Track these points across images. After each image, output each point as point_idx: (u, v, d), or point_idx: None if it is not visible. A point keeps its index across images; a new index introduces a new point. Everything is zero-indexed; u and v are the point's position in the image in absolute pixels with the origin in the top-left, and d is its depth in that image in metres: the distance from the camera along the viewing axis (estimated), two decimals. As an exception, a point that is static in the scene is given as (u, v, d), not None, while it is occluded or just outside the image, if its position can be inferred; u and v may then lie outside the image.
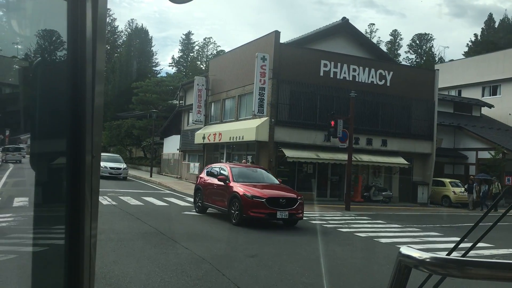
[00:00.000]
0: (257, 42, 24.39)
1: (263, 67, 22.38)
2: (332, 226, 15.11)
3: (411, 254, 0.93)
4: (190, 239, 10.90)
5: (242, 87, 25.37)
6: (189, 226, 13.06)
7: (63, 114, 1.25)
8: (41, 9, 1.44)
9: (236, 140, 24.17)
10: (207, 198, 15.37)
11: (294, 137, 23.12)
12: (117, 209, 15.71)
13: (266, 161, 22.72)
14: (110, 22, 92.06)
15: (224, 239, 11.23)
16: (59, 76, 1.32)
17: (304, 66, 23.41)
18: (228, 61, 27.82)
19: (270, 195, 13.30)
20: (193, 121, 30.44)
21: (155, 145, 40.91)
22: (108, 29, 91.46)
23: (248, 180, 14.45)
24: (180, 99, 37.64)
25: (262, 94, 22.37)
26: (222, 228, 13.02)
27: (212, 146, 28.59)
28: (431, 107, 26.70)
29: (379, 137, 25.10)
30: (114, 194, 20.46)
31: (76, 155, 1.14)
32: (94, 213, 1.19)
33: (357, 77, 24.71)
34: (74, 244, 1.14)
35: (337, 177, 25.33)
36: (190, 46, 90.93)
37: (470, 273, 0.88)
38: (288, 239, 11.84)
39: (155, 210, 16.34)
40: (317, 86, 23.67)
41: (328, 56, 24.06)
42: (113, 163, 30.65)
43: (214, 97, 29.08)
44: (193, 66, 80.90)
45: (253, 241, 11.30)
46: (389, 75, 25.50)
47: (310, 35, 26.24)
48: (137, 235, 10.84)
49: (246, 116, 25.01)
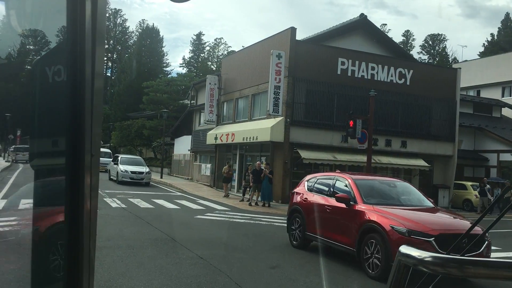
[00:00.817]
0: (272, 39, 23.53)
1: (279, 64, 21.51)
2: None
3: (410, 253, 0.93)
4: (204, 247, 10.06)
5: (256, 86, 24.52)
6: (203, 232, 12.23)
7: (62, 113, 1.24)
8: (40, 8, 1.42)
9: (250, 141, 23.32)
10: (312, 227, 10.14)
11: (310, 138, 22.22)
12: (127, 212, 14.94)
13: (281, 162, 21.85)
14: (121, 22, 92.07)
15: (241, 246, 10.38)
16: (58, 75, 1.28)
17: (321, 64, 22.51)
18: (241, 59, 26.98)
19: (441, 230, 8.03)
20: (205, 121, 29.64)
21: (166, 146, 40.22)
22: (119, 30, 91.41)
23: (386, 200, 9.44)
24: (192, 99, 36.89)
25: (277, 93, 21.50)
26: (238, 235, 12.16)
27: (224, 146, 27.78)
28: (453, 107, 25.63)
29: (399, 138, 24.10)
30: (124, 196, 19.71)
31: (76, 154, 1.12)
32: (93, 212, 1.16)
33: (376, 75, 23.74)
34: (73, 243, 1.12)
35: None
36: (201, 46, 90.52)
37: (469, 272, 0.87)
38: (309, 245, 10.95)
39: (166, 213, 15.55)
40: (334, 84, 22.74)
41: (346, 53, 23.13)
42: (134, 167, 27.50)
43: (227, 96, 28.27)
44: (204, 66, 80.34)
45: (273, 249, 10.44)
46: (409, 73, 24.49)
47: (326, 32, 25.32)
48: (147, 242, 10.03)
49: (260, 116, 24.15)
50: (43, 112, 1.38)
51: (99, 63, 1.17)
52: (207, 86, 28.86)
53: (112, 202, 17.30)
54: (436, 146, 25.06)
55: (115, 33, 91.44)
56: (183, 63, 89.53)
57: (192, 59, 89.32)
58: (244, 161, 25.33)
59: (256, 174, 19.82)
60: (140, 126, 44.36)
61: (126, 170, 26.85)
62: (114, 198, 18.60)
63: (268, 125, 21.72)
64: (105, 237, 10.28)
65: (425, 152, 24.71)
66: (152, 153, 47.23)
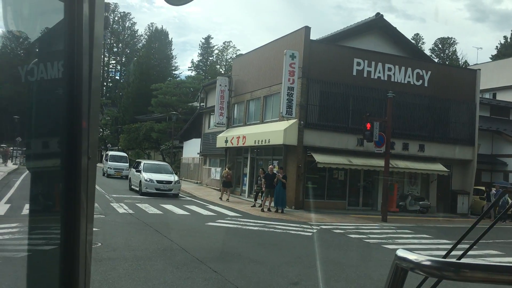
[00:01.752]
0: (285, 39, 22.75)
1: (292, 65, 20.70)
2: (375, 241, 13.32)
3: (407, 257, 0.93)
4: (218, 258, 9.27)
5: (268, 87, 23.74)
6: (216, 241, 11.43)
7: (58, 115, 1.24)
8: (38, 10, 1.40)
9: (262, 144, 22.51)
10: None
11: (325, 141, 21.37)
12: (134, 218, 14.20)
13: (294, 166, 21.02)
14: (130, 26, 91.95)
15: (257, 258, 9.57)
16: (54, 76, 1.26)
17: (336, 65, 21.68)
18: (253, 60, 26.21)
19: None
20: (214, 123, 28.89)
21: (175, 149, 39.54)
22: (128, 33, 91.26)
23: None
24: (201, 101, 36.14)
25: (290, 95, 20.69)
26: (253, 244, 11.35)
27: (235, 150, 27.00)
28: (472, 110, 24.67)
29: (416, 142, 23.17)
30: (131, 201, 19.00)
31: (72, 157, 1.11)
32: (89, 215, 1.15)
33: (393, 76, 22.86)
34: (69, 247, 1.12)
35: (370, 185, 23.48)
36: (210, 50, 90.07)
37: (466, 276, 0.87)
38: (333, 259, 10.12)
39: (176, 220, 14.78)
40: (350, 86, 21.90)
41: (362, 54, 22.28)
42: (160, 175, 22.86)
43: (238, 98, 27.51)
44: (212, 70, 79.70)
45: (292, 261, 9.62)
46: (427, 75, 23.58)
47: (341, 32, 24.49)
48: (156, 253, 9.26)
49: (272, 118, 23.35)
50: (39, 113, 1.39)
51: (96, 64, 1.15)
52: (217, 88, 28.12)
53: (119, 207, 16.58)
54: (455, 150, 24.10)
55: (123, 37, 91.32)
56: (192, 66, 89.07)
57: (200, 62, 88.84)
58: (256, 165, 24.54)
59: (269, 178, 19.01)
60: (149, 129, 43.76)
61: (151, 179, 22.12)
62: (121, 203, 17.88)
63: (281, 128, 20.91)
64: (110, 247, 9.53)
65: (443, 156, 23.76)
66: (160, 157, 46.57)
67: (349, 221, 17.82)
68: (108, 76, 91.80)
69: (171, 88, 44.10)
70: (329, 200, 22.25)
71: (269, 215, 17.75)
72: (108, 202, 18.14)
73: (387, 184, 19.51)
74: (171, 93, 43.63)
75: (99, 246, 9.45)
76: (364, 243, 12.99)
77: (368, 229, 16.00)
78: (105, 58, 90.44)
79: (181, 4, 1.45)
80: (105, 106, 62.38)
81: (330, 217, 18.69)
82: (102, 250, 9.16)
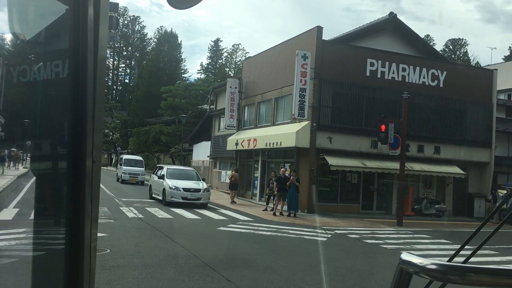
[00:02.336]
0: (297, 39, 22.32)
1: (304, 66, 20.26)
2: (392, 247, 12.82)
3: (412, 261, 0.92)
4: (231, 266, 8.85)
5: (279, 89, 23.31)
6: (228, 248, 11.00)
7: (62, 117, 1.25)
8: (43, 14, 1.40)
9: (273, 147, 22.06)
10: None
11: (338, 144, 20.88)
12: (144, 223, 13.83)
13: (306, 169, 20.55)
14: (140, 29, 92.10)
15: (272, 265, 9.13)
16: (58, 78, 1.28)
17: (349, 65, 21.20)
18: (263, 61, 25.81)
19: None
20: (225, 126, 28.51)
21: (184, 152, 39.24)
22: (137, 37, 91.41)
23: None
24: (211, 104, 35.79)
25: (302, 96, 20.24)
26: (267, 250, 10.91)
27: (245, 153, 26.59)
28: (489, 111, 24.03)
29: (432, 144, 22.58)
30: (141, 205, 18.65)
31: (76, 160, 1.11)
32: (94, 219, 1.14)
33: (407, 77, 22.32)
34: (74, 250, 1.11)
35: (384, 188, 22.94)
36: (219, 52, 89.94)
37: (471, 280, 0.86)
38: (351, 266, 9.65)
39: (186, 225, 14.38)
40: (363, 87, 21.40)
41: (375, 54, 21.77)
42: (187, 182, 19.93)
43: (248, 100, 27.11)
44: (221, 72, 79.50)
45: (309, 269, 9.17)
46: (443, 75, 23.01)
47: (353, 32, 24.01)
48: (166, 260, 8.86)
49: (283, 120, 22.91)
50: (43, 116, 1.39)
51: (101, 65, 1.15)
52: (228, 90, 27.74)
53: (128, 211, 16.23)
54: (471, 152, 23.47)
55: (133, 40, 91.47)
56: (201, 69, 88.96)
57: (209, 65, 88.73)
58: (267, 168, 24.10)
59: (281, 182, 18.56)
60: (158, 132, 43.51)
61: (177, 187, 19.09)
62: (130, 207, 17.54)
63: (293, 130, 20.47)
64: (119, 254, 9.15)
65: (459, 159, 23.14)
66: (170, 160, 46.31)
67: (363, 226, 17.32)
68: (117, 80, 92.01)
69: (180, 90, 43.80)
70: (342, 203, 21.75)
71: (281, 219, 17.30)
72: (117, 205, 17.81)
73: (402, 187, 18.98)
74: (181, 95, 43.33)
75: (108, 253, 9.08)
76: (381, 248, 12.50)
77: (384, 234, 15.50)
78: (114, 62, 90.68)
79: (185, 7, 1.44)
80: (114, 109, 62.33)
81: (344, 221, 18.20)
82: (111, 257, 8.79)
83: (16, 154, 39.21)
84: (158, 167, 23.62)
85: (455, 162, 23.07)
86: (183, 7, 1.45)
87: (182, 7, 1.45)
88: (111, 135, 59.84)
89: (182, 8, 1.45)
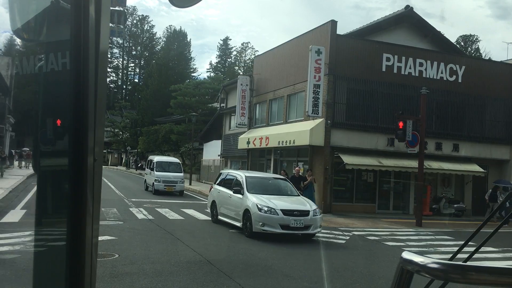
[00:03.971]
0: (310, 34, 21.67)
1: (318, 61, 19.62)
2: (415, 249, 12.14)
3: (413, 259, 0.92)
4: (247, 272, 8.27)
5: (292, 85, 22.69)
6: (242, 251, 10.42)
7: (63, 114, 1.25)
8: (44, 12, 1.37)
9: (286, 145, 21.45)
10: None
11: (353, 141, 20.22)
12: (154, 225, 13.30)
13: (321, 168, 19.92)
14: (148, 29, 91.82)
15: (291, 272, 8.53)
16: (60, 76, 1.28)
17: (364, 60, 20.53)
18: (275, 58, 25.18)
19: None
20: (236, 124, 27.94)
21: (194, 151, 38.73)
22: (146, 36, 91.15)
23: None
24: (221, 102, 35.25)
25: (316, 92, 19.61)
26: (284, 254, 10.31)
27: (257, 151, 26.01)
28: (510, 107, 23.18)
29: (450, 141, 21.84)
30: (151, 205, 18.14)
31: (78, 157, 1.10)
32: (95, 217, 1.14)
33: (424, 72, 21.58)
34: (75, 248, 1.10)
35: (400, 187, 22.23)
36: (228, 51, 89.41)
37: (472, 279, 0.86)
38: (375, 272, 9.03)
39: (198, 227, 13.82)
40: (379, 82, 20.72)
41: (391, 48, 21.07)
42: (284, 201, 12.82)
43: (260, 98, 26.52)
44: (231, 71, 78.94)
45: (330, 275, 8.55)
46: (461, 70, 22.23)
47: (368, 26, 23.29)
48: (178, 266, 8.30)
49: (296, 118, 22.29)
50: (45, 113, 1.40)
51: (102, 62, 1.14)
52: (239, 87, 27.17)
53: (138, 212, 15.73)
54: (491, 150, 22.68)
55: (142, 40, 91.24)
56: (210, 68, 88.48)
57: (219, 64, 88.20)
58: (279, 167, 23.50)
59: (295, 181, 17.89)
60: (168, 131, 43.06)
61: (272, 209, 12.08)
62: (140, 208, 17.04)
63: (307, 128, 19.84)
64: (128, 259, 8.62)
65: (479, 156, 22.37)
66: (180, 159, 45.89)
67: (381, 226, 16.66)
68: (127, 79, 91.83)
69: (190, 89, 43.27)
70: (358, 203, 21.09)
71: (296, 220, 16.64)
72: (127, 206, 17.33)
73: (421, 186, 18.28)
74: (191, 94, 42.80)
75: (116, 258, 8.55)
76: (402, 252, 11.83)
77: (404, 235, 14.84)
78: (123, 61, 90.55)
79: (187, 5, 1.46)
80: (124, 108, 62.04)
81: (361, 221, 17.55)
82: (119, 263, 8.26)
83: (28, 154, 39.00)
84: (224, 175, 16.38)
85: (474, 160, 22.30)
86: (185, 5, 1.46)
87: (185, 6, 1.47)
88: (121, 134, 59.57)
89: (184, 6, 1.48)
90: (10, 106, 39.33)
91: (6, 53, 53.48)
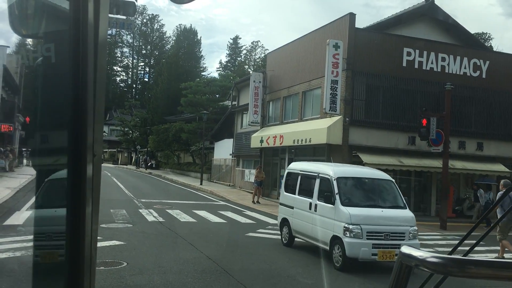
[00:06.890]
0: (327, 28, 20.77)
1: (336, 56, 18.71)
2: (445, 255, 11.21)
3: (412, 253, 0.92)
4: (268, 284, 7.45)
5: (307, 82, 21.80)
6: (261, 259, 9.58)
7: (62, 110, 1.23)
8: (44, 8, 1.38)
9: (302, 144, 20.57)
10: None
11: (372, 140, 19.30)
12: (165, 228, 12.52)
13: (338, 168, 19.00)
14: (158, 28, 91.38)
15: (316, 283, 7.69)
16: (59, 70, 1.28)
17: (384, 55, 19.58)
18: (290, 53, 24.30)
19: None
20: (248, 122, 27.11)
21: (205, 150, 37.93)
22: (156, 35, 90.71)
23: None
24: (233, 99, 34.42)
25: (334, 89, 18.70)
26: (306, 262, 9.46)
27: (271, 150, 25.15)
28: (536, 104, 22.08)
29: (474, 140, 20.81)
30: (161, 206, 17.37)
31: (76, 155, 1.09)
32: (95, 214, 1.12)
33: (447, 67, 20.58)
34: (74, 245, 1.09)
35: (421, 187, 21.25)
36: (238, 50, 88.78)
37: (471, 272, 0.87)
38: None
39: (212, 230, 13.00)
40: (399, 78, 19.76)
41: (412, 43, 20.09)
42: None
43: (273, 95, 25.66)
44: (241, 70, 78.16)
45: (365, 286, 7.72)
46: (485, 65, 21.18)
47: (387, 20, 22.35)
48: (192, 277, 7.50)
49: (312, 115, 21.39)
50: (43, 109, 1.39)
51: (101, 58, 1.13)
52: (251, 84, 26.32)
53: (148, 214, 14.96)
54: (517, 149, 21.60)
55: (152, 39, 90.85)
56: (220, 67, 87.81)
57: (229, 63, 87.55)
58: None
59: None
60: (178, 130, 42.31)
61: None
62: (150, 209, 16.28)
63: (324, 126, 18.95)
64: (137, 268, 7.84)
65: (504, 156, 21.30)
66: (190, 158, 45.17)
67: (405, 230, 15.71)
68: (137, 78, 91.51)
69: (201, 86, 42.46)
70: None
71: (314, 223, 15.79)
72: (136, 207, 16.60)
73: (446, 187, 17.32)
74: (201, 91, 42.00)
75: (124, 267, 7.77)
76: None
77: (431, 240, 13.93)
78: (133, 60, 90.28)
79: (185, 2, 1.48)
80: (134, 107, 61.53)
81: (382, 224, 16.62)
82: (127, 272, 7.48)
83: (34, 152, 38.60)
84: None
85: (499, 159, 21.25)
86: (184, 1, 1.49)
87: (183, 2, 1.50)
88: (130, 133, 59.07)
89: (183, 2, 1.51)
90: (20, 104, 38.88)
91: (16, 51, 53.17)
